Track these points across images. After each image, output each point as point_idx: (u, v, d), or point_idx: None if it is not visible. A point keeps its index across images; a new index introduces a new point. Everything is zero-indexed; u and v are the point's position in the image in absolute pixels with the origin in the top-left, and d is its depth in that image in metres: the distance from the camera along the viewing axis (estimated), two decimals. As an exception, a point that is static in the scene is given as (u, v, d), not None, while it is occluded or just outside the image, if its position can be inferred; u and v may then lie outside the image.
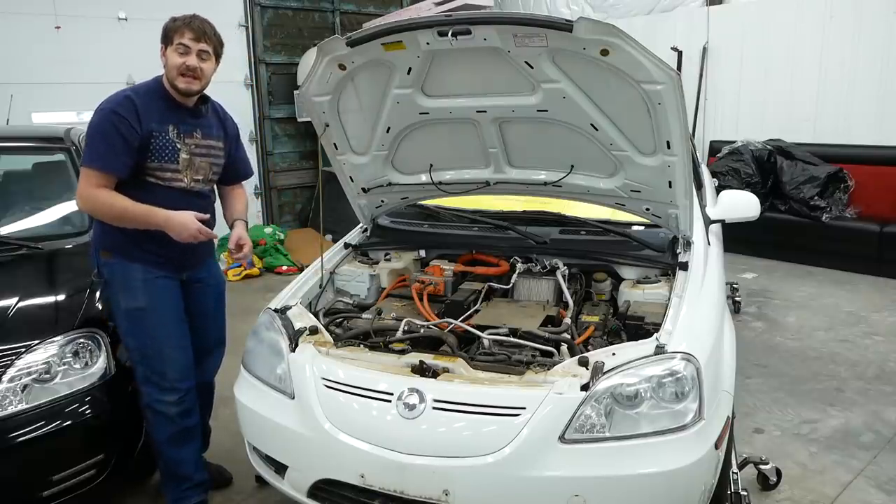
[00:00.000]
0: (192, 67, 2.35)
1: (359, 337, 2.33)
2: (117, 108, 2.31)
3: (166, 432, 2.51)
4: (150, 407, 2.50)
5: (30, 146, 3.84)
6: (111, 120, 2.29)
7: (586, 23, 1.96)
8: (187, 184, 2.45)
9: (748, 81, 6.73)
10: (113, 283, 2.47)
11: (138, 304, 2.43)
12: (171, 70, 2.36)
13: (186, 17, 2.39)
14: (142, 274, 2.42)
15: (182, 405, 2.50)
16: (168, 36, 2.37)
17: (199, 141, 2.49)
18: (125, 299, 2.45)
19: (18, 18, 5.85)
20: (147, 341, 2.45)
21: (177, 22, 2.37)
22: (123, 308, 2.46)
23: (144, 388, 2.49)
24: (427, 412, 1.95)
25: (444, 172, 2.78)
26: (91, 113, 2.35)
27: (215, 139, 2.57)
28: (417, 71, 2.32)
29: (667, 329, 2.08)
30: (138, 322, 2.44)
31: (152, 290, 2.44)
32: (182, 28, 2.35)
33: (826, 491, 2.77)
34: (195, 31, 2.36)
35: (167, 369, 2.46)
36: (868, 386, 3.68)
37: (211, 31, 2.40)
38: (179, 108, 2.44)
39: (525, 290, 2.68)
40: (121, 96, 2.36)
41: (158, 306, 2.45)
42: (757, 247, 6.16)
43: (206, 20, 2.41)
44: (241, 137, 2.80)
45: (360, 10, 8.08)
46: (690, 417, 1.92)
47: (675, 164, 2.30)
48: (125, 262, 2.43)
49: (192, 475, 2.58)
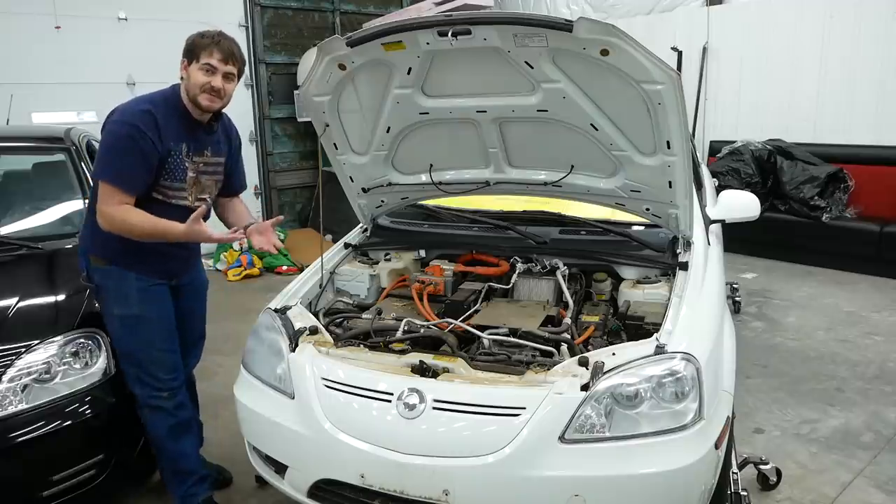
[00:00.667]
0: (217, 89, 2.31)
1: (359, 337, 2.33)
2: (139, 122, 2.24)
3: (164, 427, 2.51)
4: (146, 405, 2.50)
5: (30, 146, 3.84)
6: (132, 135, 2.22)
7: (586, 23, 1.96)
8: (191, 202, 2.43)
9: (748, 81, 6.72)
10: (106, 289, 2.44)
11: (133, 312, 2.42)
12: (194, 87, 2.30)
13: (214, 34, 2.31)
14: (136, 282, 2.41)
15: (175, 399, 2.51)
16: (194, 52, 2.30)
17: (208, 159, 2.47)
18: (119, 306, 2.43)
19: (18, 18, 5.85)
20: (140, 347, 2.44)
21: (205, 39, 2.29)
22: (117, 315, 2.44)
23: (137, 390, 2.49)
24: (427, 412, 1.95)
25: (444, 172, 2.78)
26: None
27: (221, 155, 2.55)
28: (417, 71, 2.32)
29: (667, 329, 2.08)
30: (132, 328, 2.43)
31: (146, 298, 2.43)
32: (211, 47, 2.28)
33: (826, 491, 2.77)
34: (224, 52, 2.29)
35: (159, 371, 2.47)
36: (868, 386, 3.68)
37: (238, 52, 2.35)
38: (194, 125, 2.40)
39: (525, 290, 2.68)
40: (140, 110, 2.28)
41: (152, 314, 2.45)
42: (757, 247, 6.16)
43: (233, 40, 2.35)
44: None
45: (360, 10, 8.08)
46: (690, 417, 1.92)
47: (675, 164, 2.30)
48: (121, 270, 2.40)
49: (195, 469, 2.59)
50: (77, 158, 3.50)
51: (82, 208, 3.33)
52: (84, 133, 3.94)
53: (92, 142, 3.93)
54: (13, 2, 5.79)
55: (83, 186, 3.40)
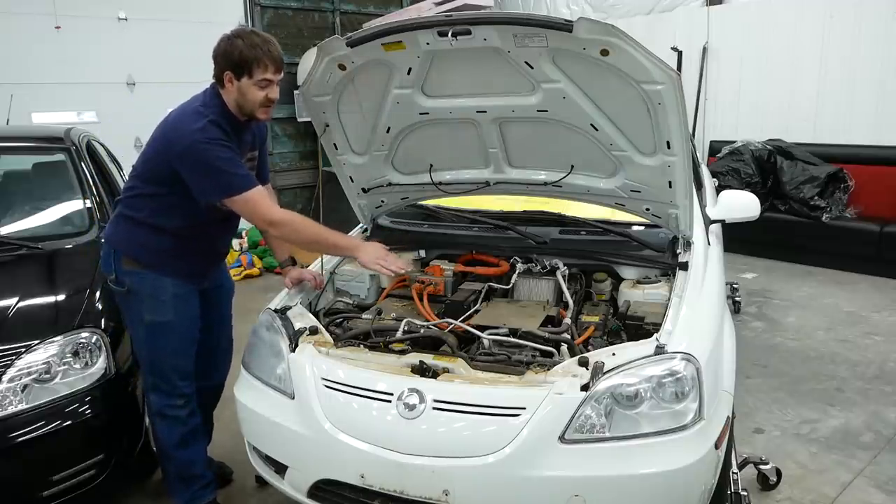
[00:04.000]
0: (274, 100, 2.29)
1: (359, 337, 2.33)
2: (217, 132, 2.21)
3: (177, 435, 2.50)
4: (160, 413, 2.49)
5: (30, 146, 3.84)
6: (223, 143, 2.21)
7: (586, 23, 1.96)
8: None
9: (748, 81, 6.72)
10: (139, 294, 2.39)
11: (165, 319, 2.39)
12: (251, 104, 2.25)
13: (259, 42, 2.19)
14: (172, 288, 2.39)
15: (189, 406, 2.51)
16: (244, 67, 2.19)
17: (248, 156, 2.46)
18: (150, 313, 2.39)
19: (18, 18, 5.85)
20: (164, 353, 2.43)
21: (255, 50, 2.18)
22: (147, 321, 2.39)
23: (153, 396, 2.49)
24: (427, 412, 1.95)
25: (444, 172, 2.78)
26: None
27: (254, 149, 2.55)
28: (417, 71, 2.32)
29: (667, 329, 2.07)
30: (159, 335, 2.41)
31: (180, 305, 2.42)
32: (264, 60, 2.19)
33: (826, 491, 2.77)
34: (277, 61, 2.23)
35: (176, 378, 2.46)
36: (868, 386, 3.68)
37: (281, 55, 2.27)
38: (239, 127, 2.37)
39: (525, 290, 2.68)
40: (206, 122, 2.20)
41: (184, 321, 2.44)
42: (757, 247, 6.15)
43: (273, 41, 2.25)
44: None
45: (360, 10, 8.08)
46: (690, 417, 1.91)
47: (675, 164, 2.30)
48: (157, 275, 2.37)
49: (203, 474, 2.59)
50: (77, 158, 3.50)
51: (82, 208, 3.34)
52: (84, 133, 3.93)
53: (92, 142, 3.93)
54: (13, 2, 5.79)
55: (83, 186, 3.40)
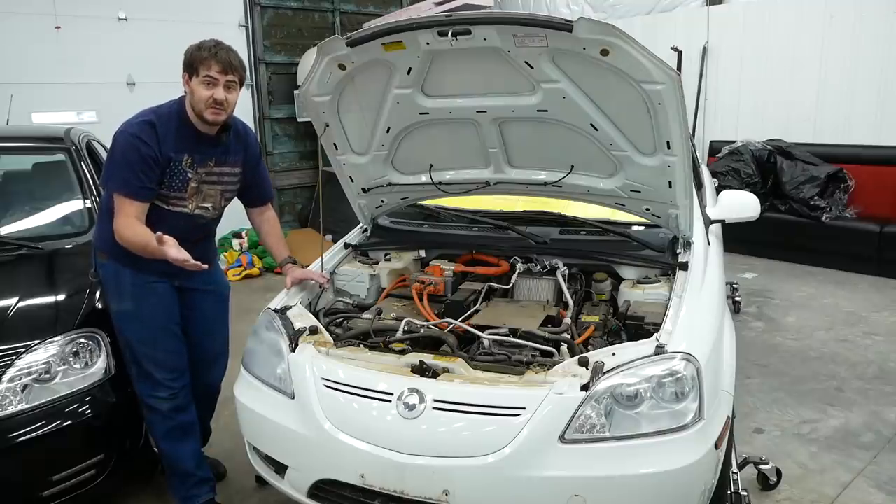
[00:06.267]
0: (220, 101, 2.31)
1: (359, 337, 2.33)
2: (141, 133, 2.29)
3: (162, 428, 2.55)
4: (144, 403, 2.54)
5: (30, 146, 3.84)
6: (135, 146, 2.28)
7: (586, 23, 1.96)
8: (191, 210, 2.46)
9: (748, 81, 6.72)
10: (106, 284, 2.53)
11: (126, 307, 2.47)
12: (199, 102, 2.31)
13: (211, 46, 2.31)
14: (131, 278, 2.44)
15: (174, 401, 2.52)
16: (193, 66, 2.31)
17: (212, 169, 2.47)
18: (115, 301, 2.50)
19: (18, 18, 5.85)
20: (136, 342, 2.48)
21: (202, 52, 2.29)
22: (114, 310, 2.51)
23: (137, 386, 2.53)
24: (427, 412, 1.95)
25: (444, 172, 2.78)
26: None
27: (231, 165, 2.54)
28: (417, 71, 2.32)
29: (667, 329, 2.07)
30: (127, 323, 2.49)
31: (141, 295, 2.46)
32: (209, 60, 2.28)
33: (826, 491, 2.77)
34: (222, 62, 2.29)
35: (157, 370, 2.48)
36: (868, 386, 3.68)
37: (237, 60, 2.35)
38: (199, 136, 2.41)
39: (525, 290, 2.68)
40: (143, 120, 2.33)
41: (146, 310, 2.47)
42: (757, 247, 6.16)
43: (231, 49, 2.35)
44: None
45: (360, 10, 8.08)
46: (690, 417, 1.91)
47: (675, 164, 2.30)
48: (118, 266, 2.45)
49: (193, 471, 2.59)
50: (77, 158, 3.50)
51: (82, 208, 3.34)
52: (84, 133, 3.93)
53: (92, 142, 3.93)
54: (13, 2, 5.78)
55: (83, 186, 3.40)
